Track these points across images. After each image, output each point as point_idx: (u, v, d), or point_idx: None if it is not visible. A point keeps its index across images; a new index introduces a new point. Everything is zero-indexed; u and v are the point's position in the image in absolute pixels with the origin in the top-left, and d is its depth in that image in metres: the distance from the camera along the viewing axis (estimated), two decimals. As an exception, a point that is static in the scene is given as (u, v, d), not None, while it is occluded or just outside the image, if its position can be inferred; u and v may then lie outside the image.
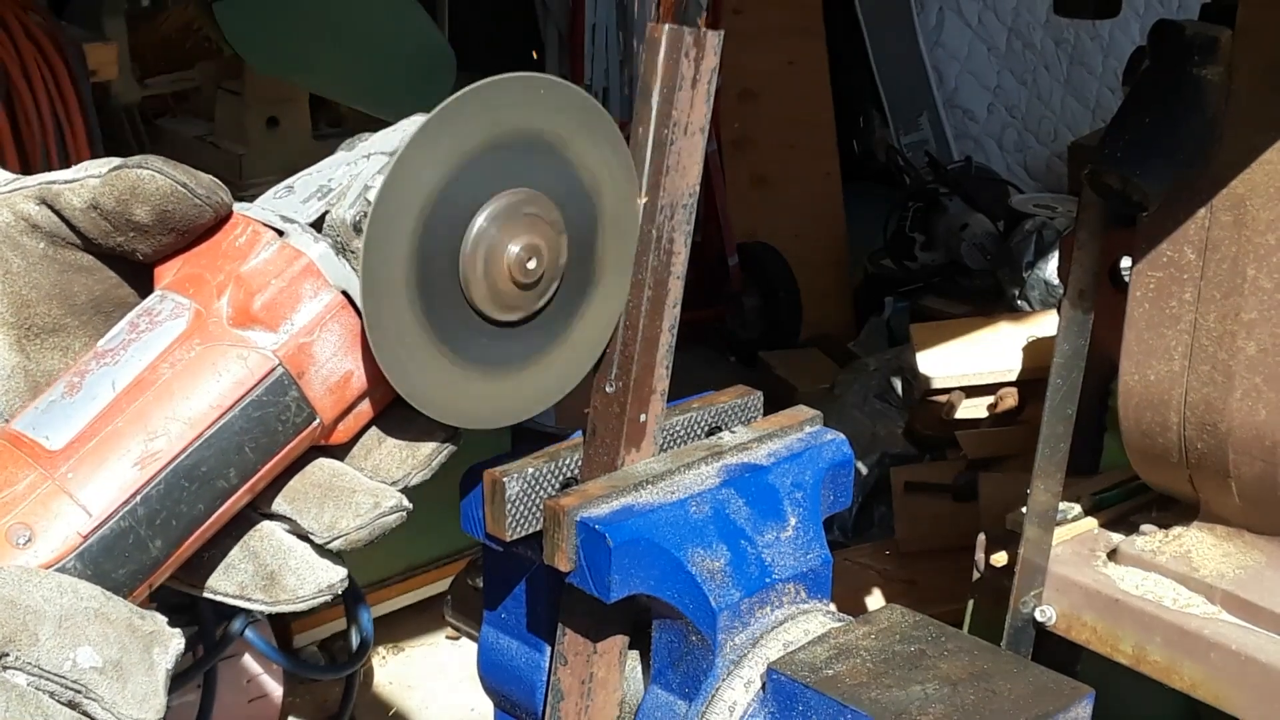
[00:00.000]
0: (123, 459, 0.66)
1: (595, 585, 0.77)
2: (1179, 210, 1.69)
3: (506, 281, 0.72)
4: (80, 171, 0.71)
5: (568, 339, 0.78)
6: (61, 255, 0.72)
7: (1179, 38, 1.67)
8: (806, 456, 0.87)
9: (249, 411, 0.68)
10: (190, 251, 0.72)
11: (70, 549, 0.64)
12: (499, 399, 0.75)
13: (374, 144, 0.74)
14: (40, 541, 0.64)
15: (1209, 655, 1.71)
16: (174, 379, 0.68)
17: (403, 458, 0.74)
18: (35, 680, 0.61)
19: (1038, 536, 1.87)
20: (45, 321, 0.73)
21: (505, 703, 0.94)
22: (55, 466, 0.65)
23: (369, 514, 0.71)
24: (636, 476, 0.82)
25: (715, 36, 0.80)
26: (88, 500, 0.65)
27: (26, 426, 0.67)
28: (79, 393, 0.68)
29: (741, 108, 5.37)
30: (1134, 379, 1.78)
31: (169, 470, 0.67)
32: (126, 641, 0.63)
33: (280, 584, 0.70)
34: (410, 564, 3.33)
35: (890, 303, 5.11)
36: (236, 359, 0.68)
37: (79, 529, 0.64)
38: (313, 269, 0.70)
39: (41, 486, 0.65)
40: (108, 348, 0.69)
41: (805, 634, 0.81)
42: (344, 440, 0.73)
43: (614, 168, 0.77)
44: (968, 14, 6.53)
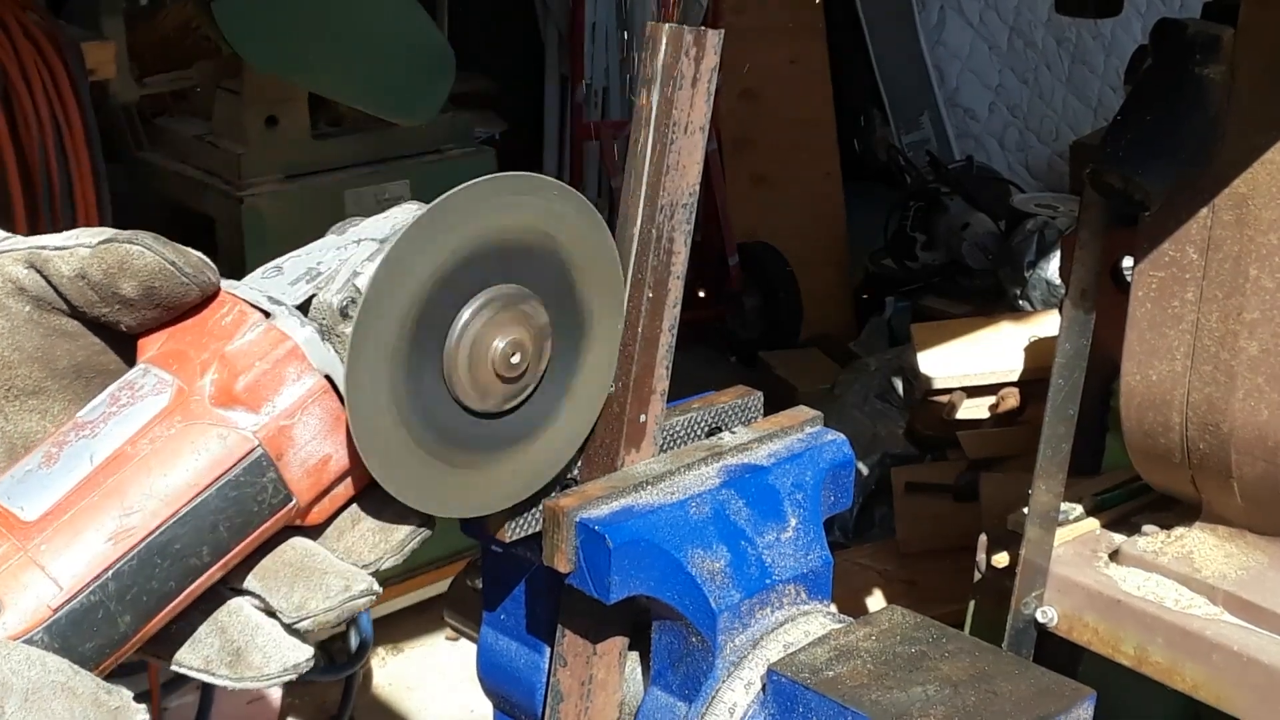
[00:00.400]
0: (97, 533, 0.66)
1: (595, 586, 0.77)
2: (1181, 209, 1.69)
3: (490, 375, 0.73)
4: (71, 239, 0.71)
5: (547, 430, 0.78)
6: (46, 319, 0.72)
7: (1181, 36, 1.67)
8: (807, 457, 0.87)
9: (226, 491, 0.68)
10: (176, 326, 0.72)
11: (39, 621, 0.64)
12: (476, 489, 0.76)
13: (364, 229, 0.75)
14: (9, 613, 0.64)
15: (1211, 656, 1.71)
16: (153, 455, 0.68)
17: (375, 542, 0.75)
18: None
19: (1039, 537, 1.86)
20: (25, 384, 0.73)
21: (504, 704, 0.93)
22: (29, 538, 0.65)
23: (338, 596, 0.71)
24: (636, 477, 0.81)
25: (715, 35, 0.80)
26: (59, 573, 0.65)
27: (1, 496, 0.67)
28: (56, 464, 0.68)
29: (742, 107, 5.37)
30: (1136, 379, 1.78)
31: (142, 546, 0.66)
32: (91, 716, 0.63)
33: (246, 661, 0.70)
34: (409, 565, 3.31)
35: (891, 302, 5.11)
36: (217, 438, 0.68)
37: (49, 602, 0.64)
38: (298, 352, 0.70)
39: (13, 558, 0.65)
40: (87, 419, 0.69)
41: (806, 635, 0.81)
42: (319, 521, 0.73)
43: (605, 272, 0.78)
44: (969, 13, 6.53)
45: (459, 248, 0.70)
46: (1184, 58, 1.65)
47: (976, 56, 6.54)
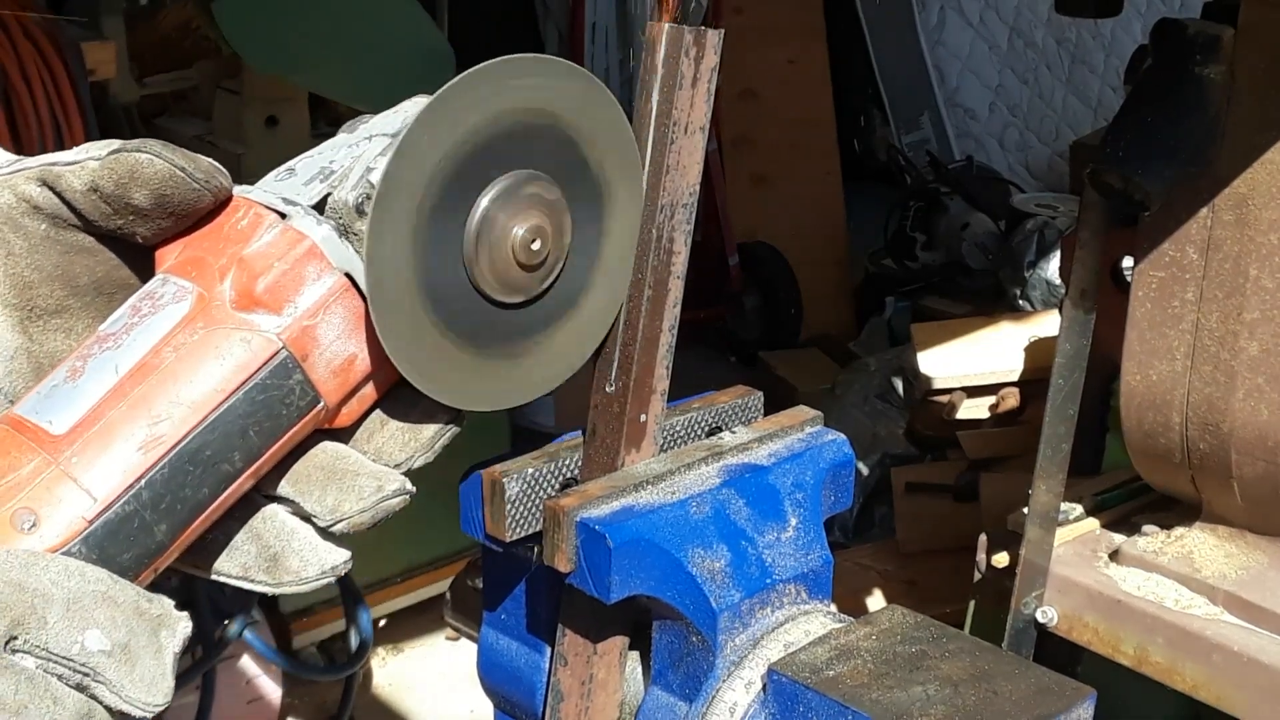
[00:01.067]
0: (127, 443, 0.66)
1: (595, 586, 0.77)
2: (1181, 210, 1.69)
3: (511, 264, 0.72)
4: (81, 154, 0.71)
5: (572, 321, 0.77)
6: (63, 237, 0.72)
7: (1181, 36, 1.66)
8: (807, 457, 0.87)
9: (253, 395, 0.68)
10: (192, 234, 0.72)
11: (75, 533, 0.64)
12: (503, 381, 0.75)
13: (375, 125, 0.74)
14: (45, 526, 0.64)
15: (1211, 656, 1.71)
16: (177, 363, 0.67)
17: (405, 440, 0.74)
18: (43, 664, 0.60)
19: (1039, 537, 1.86)
20: (48, 303, 0.73)
21: (505, 704, 0.93)
22: (59, 451, 0.65)
23: (372, 497, 0.71)
24: (637, 477, 0.81)
25: (715, 35, 0.80)
26: (92, 485, 0.65)
27: (29, 411, 0.67)
28: (81, 377, 0.67)
29: (742, 107, 5.37)
30: (1136, 379, 1.78)
31: (173, 454, 0.66)
32: (134, 625, 0.63)
33: (284, 565, 0.70)
34: (409, 565, 3.32)
35: (891, 302, 5.11)
36: (240, 342, 0.68)
37: (84, 514, 0.64)
38: (316, 251, 0.70)
39: (45, 471, 0.64)
40: (110, 331, 0.69)
41: (806, 635, 0.81)
42: (348, 424, 0.73)
43: (618, 144, 0.77)
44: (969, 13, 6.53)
45: (469, 134, 0.69)
46: (1184, 58, 1.65)
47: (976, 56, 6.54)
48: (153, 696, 0.63)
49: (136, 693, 0.62)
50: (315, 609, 3.15)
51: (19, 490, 0.64)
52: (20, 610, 0.60)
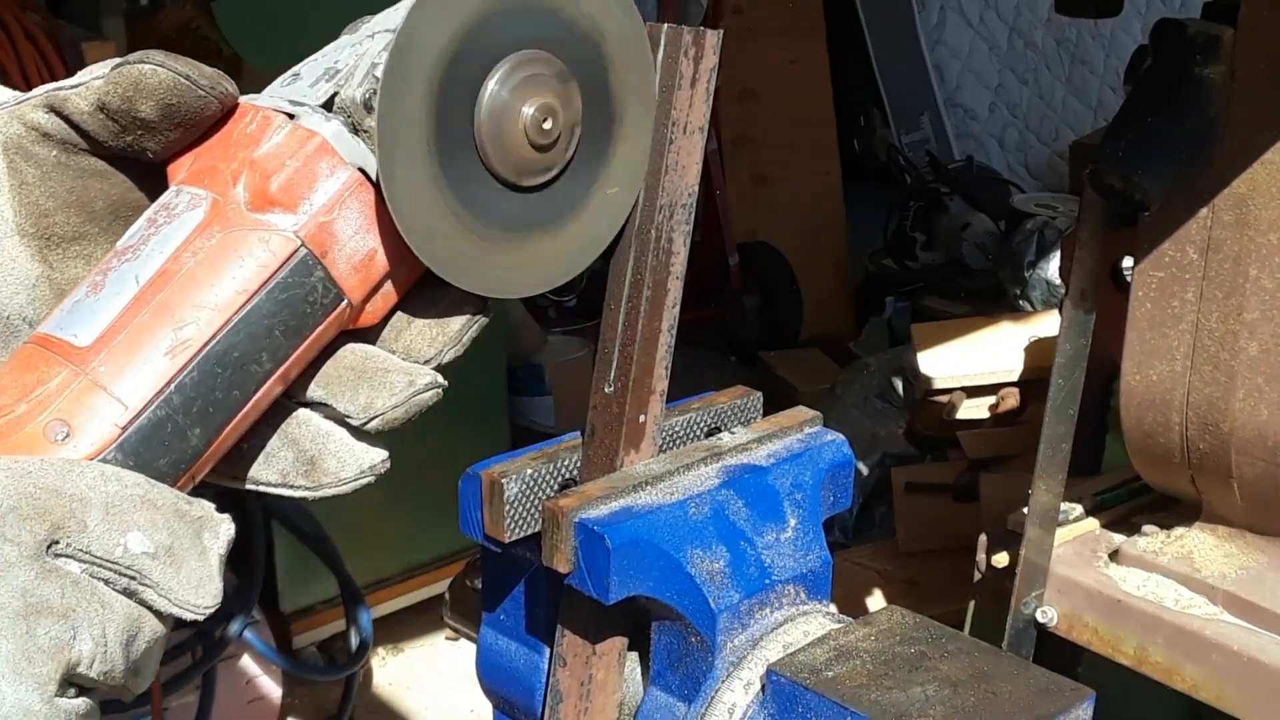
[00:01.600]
0: (153, 349, 0.66)
1: (594, 587, 0.77)
2: (1181, 210, 1.69)
3: (524, 145, 0.71)
4: (85, 75, 0.71)
5: (591, 201, 0.77)
6: (74, 162, 0.72)
7: (1181, 37, 1.66)
8: (806, 457, 0.87)
9: (275, 294, 0.68)
10: (201, 146, 0.72)
11: (109, 441, 0.64)
12: (526, 266, 0.75)
13: (377, 23, 0.74)
14: (79, 436, 0.64)
15: (1211, 656, 1.71)
16: (197, 268, 0.67)
17: (433, 335, 0.73)
18: (88, 568, 0.60)
19: (1039, 537, 1.86)
20: (65, 230, 0.73)
21: (504, 704, 0.93)
22: (86, 362, 0.65)
23: (404, 392, 0.70)
24: (635, 477, 0.81)
25: (714, 35, 0.79)
26: (122, 392, 0.65)
27: (53, 328, 0.67)
28: (103, 290, 0.67)
29: (742, 107, 5.37)
30: (1136, 379, 1.78)
31: (200, 357, 0.66)
32: (176, 527, 0.63)
33: (321, 468, 0.70)
34: (409, 565, 3.32)
35: (891, 302, 5.11)
36: (258, 242, 0.68)
37: (116, 421, 0.64)
38: (327, 147, 0.70)
39: (74, 382, 0.64)
40: (127, 244, 0.69)
41: (805, 635, 0.81)
42: (373, 322, 0.73)
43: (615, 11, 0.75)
44: (969, 13, 6.53)
45: (470, 15, 0.69)
46: (1184, 58, 1.65)
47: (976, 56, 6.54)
48: (201, 598, 0.62)
49: (185, 595, 0.62)
50: (315, 609, 3.15)
51: (50, 402, 0.64)
52: (59, 514, 0.60)
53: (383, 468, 0.71)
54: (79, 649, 0.59)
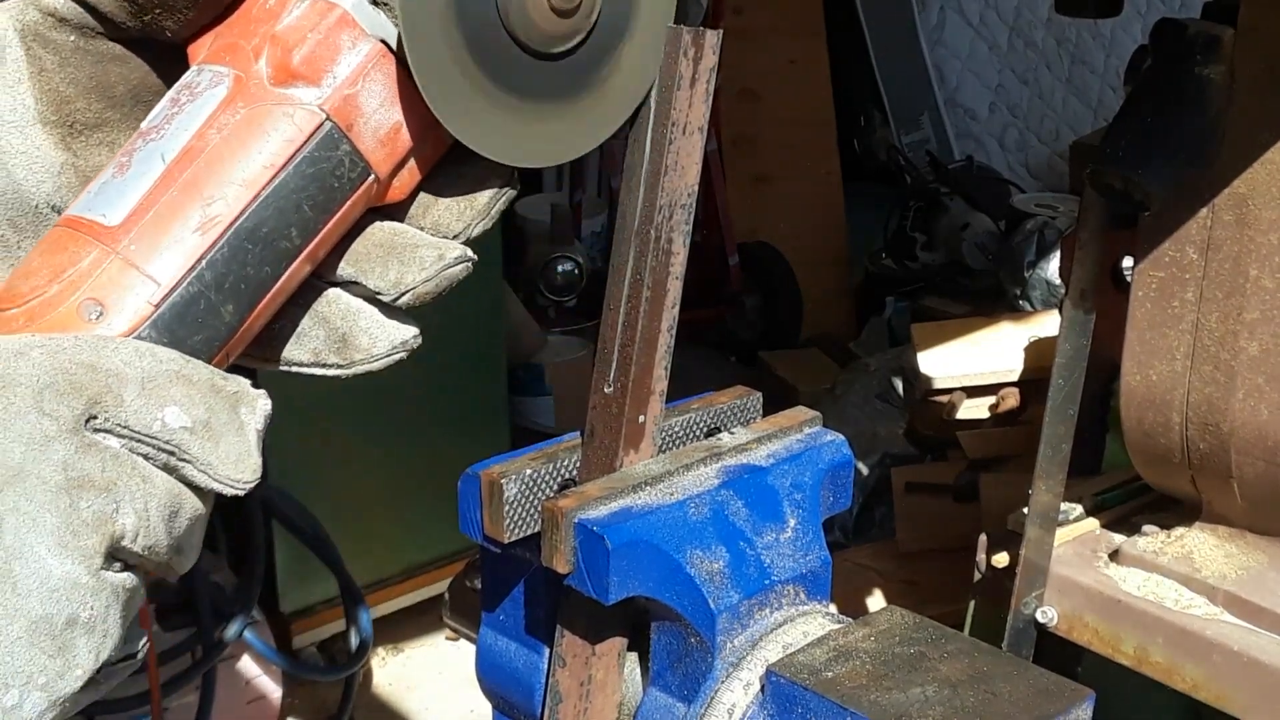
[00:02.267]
0: (183, 226, 0.65)
1: (594, 587, 0.77)
2: (1181, 210, 1.69)
3: (546, 10, 0.70)
4: None
5: (618, 65, 0.76)
6: (93, 46, 0.72)
7: (1181, 37, 1.66)
8: (806, 457, 0.87)
9: (302, 168, 0.67)
10: (221, 24, 0.71)
11: (143, 319, 0.64)
12: (551, 135, 0.74)
13: None
14: (113, 315, 0.64)
15: (1211, 656, 1.71)
16: (223, 144, 0.67)
17: (461, 210, 0.73)
18: (127, 443, 0.60)
19: (1039, 537, 1.86)
20: (87, 117, 0.72)
21: (504, 705, 0.93)
22: (116, 241, 0.65)
23: (434, 266, 0.70)
24: (635, 478, 0.81)
25: (714, 36, 0.79)
26: (154, 270, 0.64)
27: (82, 209, 0.67)
28: (129, 170, 0.67)
29: (742, 107, 5.37)
30: (1136, 379, 1.78)
31: (230, 233, 0.66)
32: (212, 402, 0.62)
33: (353, 345, 0.70)
34: (409, 565, 3.32)
35: (891, 302, 5.11)
36: (283, 117, 0.67)
37: (149, 298, 0.64)
38: (348, 19, 0.69)
39: (106, 261, 0.64)
40: (151, 125, 0.69)
41: (805, 636, 0.81)
42: (400, 197, 0.72)
43: None
44: (969, 13, 6.53)
45: None
46: (1184, 58, 1.65)
47: (976, 56, 6.54)
48: (241, 473, 0.62)
49: (225, 469, 0.62)
50: (315, 609, 3.15)
51: (82, 282, 0.64)
52: (95, 389, 0.59)
53: (415, 343, 0.71)
54: (122, 522, 0.59)
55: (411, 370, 0.85)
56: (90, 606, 0.58)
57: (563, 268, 4.71)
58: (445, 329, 3.24)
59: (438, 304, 0.72)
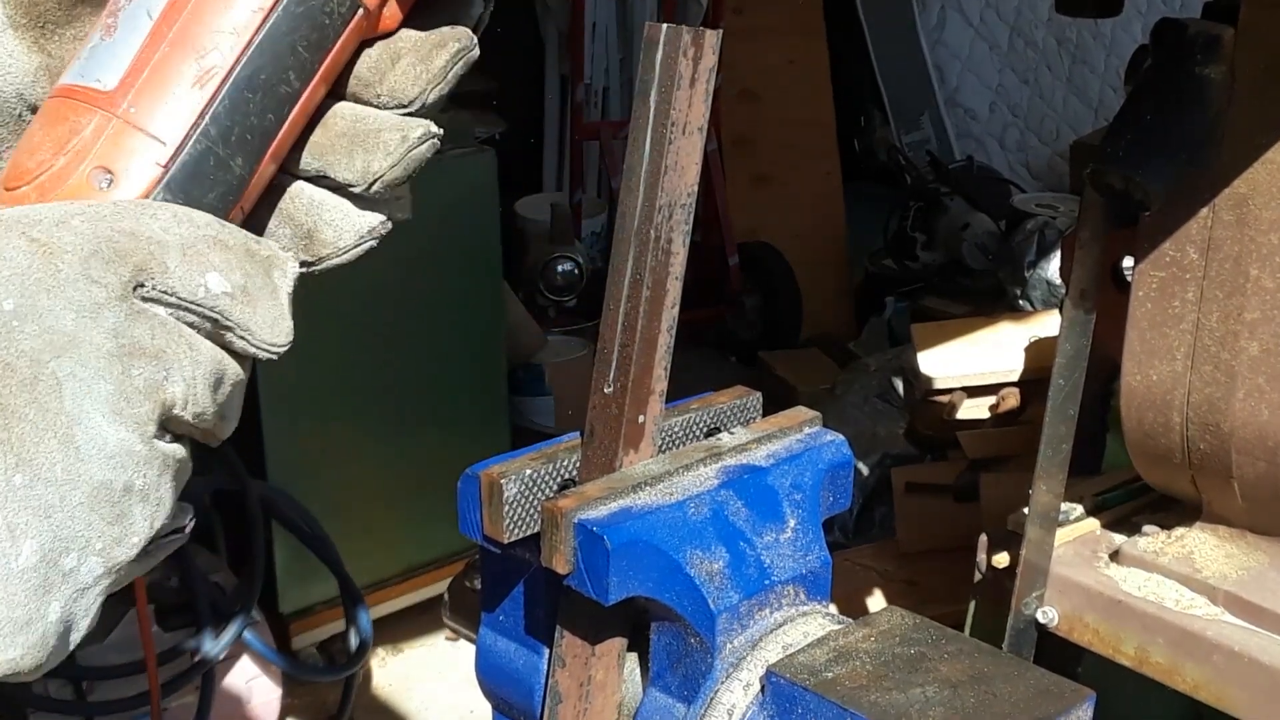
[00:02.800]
0: (180, 82, 0.64)
1: (593, 587, 0.77)
2: (1181, 210, 1.69)
3: None
4: None
5: None
6: None
7: (1181, 36, 1.66)
8: (806, 458, 0.87)
9: (291, 8, 0.67)
10: None
11: (155, 181, 0.64)
12: None
13: None
14: (123, 180, 0.63)
15: (1212, 657, 1.71)
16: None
17: (417, 74, 0.71)
18: (173, 311, 0.60)
19: (1039, 537, 1.86)
20: (57, 15, 0.71)
21: (503, 705, 0.93)
22: (115, 105, 0.64)
23: (399, 149, 0.69)
24: (635, 478, 0.81)
25: (714, 35, 0.79)
26: (158, 130, 0.64)
27: (75, 77, 0.66)
28: (116, 32, 0.66)
29: (742, 107, 5.37)
30: (1136, 379, 1.78)
31: (229, 84, 0.65)
32: (248, 267, 0.62)
33: (319, 239, 0.69)
34: (409, 565, 3.32)
35: (891, 302, 5.11)
36: None
37: (158, 159, 0.63)
38: None
39: (108, 127, 0.64)
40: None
41: (805, 636, 0.81)
42: (392, 27, 0.71)
43: None
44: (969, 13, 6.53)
45: None
46: (1184, 58, 1.65)
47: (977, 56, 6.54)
48: (276, 337, 0.62)
49: (263, 334, 0.62)
50: (315, 609, 3.15)
51: (88, 151, 0.63)
52: (140, 257, 0.59)
53: (382, 229, 0.70)
54: (172, 390, 0.59)
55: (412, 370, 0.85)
56: (144, 475, 0.58)
57: (563, 268, 4.71)
58: (445, 329, 3.25)
59: (438, 304, 0.72)
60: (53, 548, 0.55)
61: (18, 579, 0.54)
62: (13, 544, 0.54)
